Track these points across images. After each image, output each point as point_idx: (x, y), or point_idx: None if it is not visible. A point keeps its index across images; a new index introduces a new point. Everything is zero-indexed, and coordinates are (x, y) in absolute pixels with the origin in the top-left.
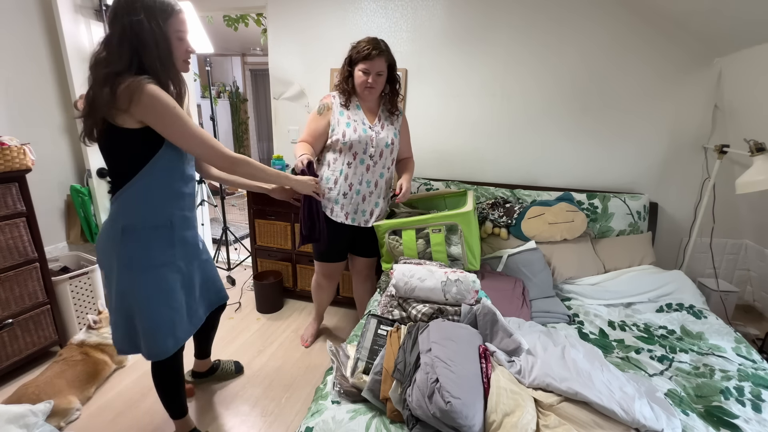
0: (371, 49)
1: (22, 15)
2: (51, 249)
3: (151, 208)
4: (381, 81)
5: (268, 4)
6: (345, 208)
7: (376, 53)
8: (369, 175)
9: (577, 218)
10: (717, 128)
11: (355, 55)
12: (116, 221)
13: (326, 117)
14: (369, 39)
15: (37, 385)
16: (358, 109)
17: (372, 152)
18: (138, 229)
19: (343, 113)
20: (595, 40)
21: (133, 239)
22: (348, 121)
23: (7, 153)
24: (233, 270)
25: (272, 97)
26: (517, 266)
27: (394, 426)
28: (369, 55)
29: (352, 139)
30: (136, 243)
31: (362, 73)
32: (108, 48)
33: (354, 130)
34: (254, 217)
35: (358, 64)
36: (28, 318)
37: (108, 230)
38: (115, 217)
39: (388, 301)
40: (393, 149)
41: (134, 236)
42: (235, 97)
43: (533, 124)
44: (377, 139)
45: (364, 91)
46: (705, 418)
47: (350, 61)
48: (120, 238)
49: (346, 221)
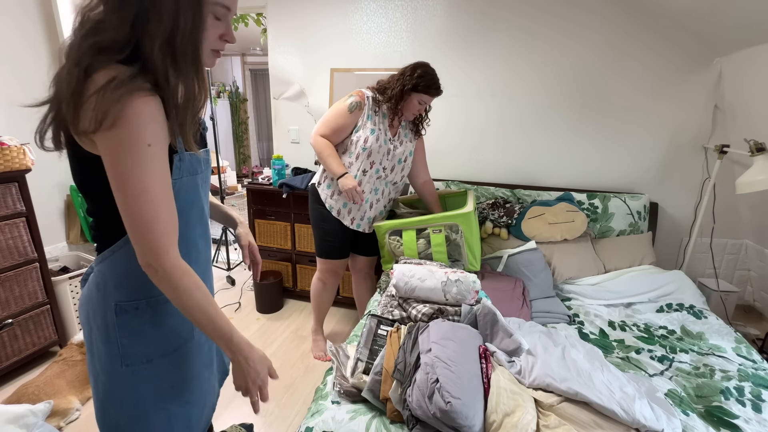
0: (437, 87)
1: (22, 14)
2: (51, 249)
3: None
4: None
5: (268, 4)
6: (352, 212)
7: (437, 93)
8: (378, 184)
9: (578, 218)
10: (717, 128)
11: (422, 86)
12: (104, 293)
13: (356, 116)
14: (434, 74)
15: (37, 385)
16: (384, 118)
17: (386, 164)
18: (141, 308)
19: (371, 117)
20: (595, 39)
21: (132, 324)
22: (373, 128)
23: (7, 153)
24: (233, 270)
25: (272, 97)
26: (517, 266)
27: (394, 426)
28: (435, 91)
29: (372, 147)
30: (138, 327)
31: (418, 102)
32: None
33: (376, 139)
34: (254, 217)
35: (421, 94)
36: (28, 318)
37: (92, 300)
38: (104, 287)
39: (388, 301)
40: (405, 166)
41: (134, 318)
42: (235, 97)
43: (533, 124)
44: (393, 153)
45: (409, 115)
46: (705, 418)
47: (413, 86)
48: (114, 322)
49: (351, 226)
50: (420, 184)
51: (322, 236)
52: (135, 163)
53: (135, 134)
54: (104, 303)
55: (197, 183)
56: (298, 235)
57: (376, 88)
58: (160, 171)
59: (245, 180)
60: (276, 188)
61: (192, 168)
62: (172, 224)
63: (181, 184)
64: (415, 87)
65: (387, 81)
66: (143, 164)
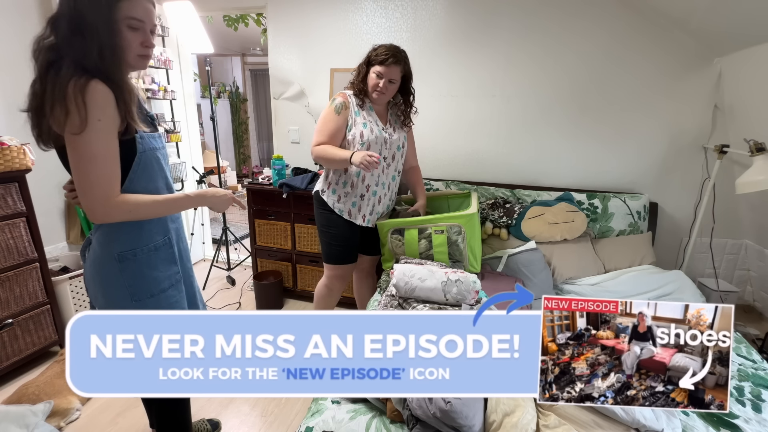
0: (389, 55)
1: (21, 15)
2: (51, 249)
3: (146, 227)
4: (392, 89)
5: (268, 4)
6: (362, 210)
7: (393, 61)
8: (384, 177)
9: (577, 218)
10: (717, 128)
11: (374, 57)
12: (108, 248)
13: (344, 116)
14: (390, 46)
15: (37, 385)
16: (371, 110)
17: (386, 154)
18: (138, 254)
19: (359, 113)
20: (595, 39)
21: (133, 266)
22: (364, 122)
23: (7, 153)
24: (233, 270)
25: (272, 97)
26: (517, 266)
27: (394, 426)
28: (385, 60)
29: (369, 140)
30: (139, 269)
31: (375, 75)
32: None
33: (371, 131)
34: (254, 217)
35: (374, 66)
36: (28, 318)
37: (99, 260)
38: (106, 244)
39: (388, 300)
40: (404, 152)
41: (134, 262)
42: (235, 97)
43: (533, 124)
44: (390, 141)
45: (374, 93)
46: (705, 418)
47: (368, 61)
48: (118, 268)
49: (363, 223)
50: (407, 169)
51: (330, 241)
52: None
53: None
54: (108, 255)
55: (158, 157)
56: (298, 235)
57: (351, 85)
58: (106, 136)
59: (245, 180)
60: (276, 188)
61: (150, 144)
62: (111, 182)
63: (145, 157)
64: (369, 61)
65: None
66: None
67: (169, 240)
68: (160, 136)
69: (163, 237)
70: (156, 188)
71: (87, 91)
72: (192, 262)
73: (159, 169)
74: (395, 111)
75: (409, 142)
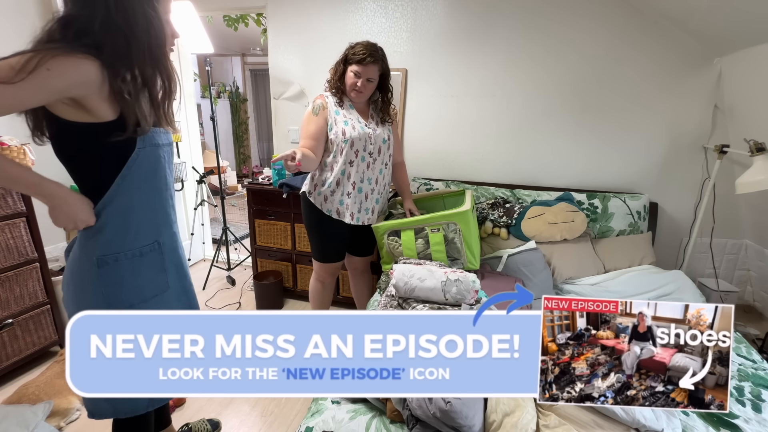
0: (366, 54)
1: (21, 16)
2: (51, 249)
3: (134, 230)
4: (370, 87)
5: (268, 4)
6: (350, 208)
7: (371, 60)
8: (370, 173)
9: (577, 218)
10: (717, 128)
11: (351, 56)
12: (87, 251)
13: (323, 116)
14: (367, 44)
15: (37, 385)
16: (351, 108)
17: (371, 149)
18: (120, 260)
19: (339, 112)
20: (595, 39)
21: (113, 272)
22: (345, 120)
23: (7, 153)
24: (233, 270)
25: (272, 97)
26: (517, 266)
27: (394, 426)
28: (363, 59)
29: (352, 137)
30: (119, 276)
31: (353, 74)
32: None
33: (353, 128)
34: (254, 217)
35: (352, 65)
36: (28, 318)
37: (76, 264)
38: (86, 247)
39: (388, 301)
40: (390, 145)
41: (114, 269)
42: (235, 97)
43: (533, 124)
44: (374, 136)
45: (352, 92)
46: (705, 418)
47: (345, 59)
48: (96, 274)
49: (351, 221)
50: (393, 168)
51: (320, 240)
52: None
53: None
54: (87, 258)
55: (159, 154)
56: (298, 235)
57: (328, 84)
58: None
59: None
60: (276, 188)
61: (153, 140)
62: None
63: (144, 153)
64: (347, 60)
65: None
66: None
67: (158, 245)
68: (167, 132)
69: (152, 241)
70: (154, 187)
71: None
72: (190, 265)
73: (159, 168)
74: (376, 106)
75: (394, 136)
